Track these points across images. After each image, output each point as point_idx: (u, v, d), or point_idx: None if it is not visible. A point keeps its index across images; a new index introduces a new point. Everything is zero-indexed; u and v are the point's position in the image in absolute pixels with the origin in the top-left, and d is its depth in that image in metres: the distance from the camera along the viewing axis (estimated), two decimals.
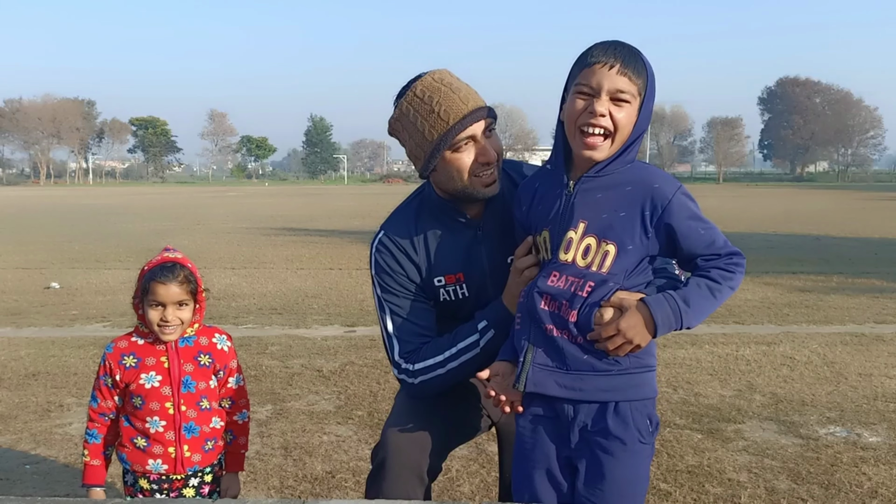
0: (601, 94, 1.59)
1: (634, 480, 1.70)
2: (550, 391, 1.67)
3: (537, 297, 1.67)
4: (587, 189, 1.67)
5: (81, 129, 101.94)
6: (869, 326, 6.55)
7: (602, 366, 1.65)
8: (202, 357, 2.12)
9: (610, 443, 1.67)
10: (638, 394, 1.68)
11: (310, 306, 7.59)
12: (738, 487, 3.19)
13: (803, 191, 51.93)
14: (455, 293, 1.98)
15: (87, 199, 39.45)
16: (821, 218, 21.87)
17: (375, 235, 2.04)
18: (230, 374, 2.18)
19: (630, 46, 1.64)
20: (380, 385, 4.69)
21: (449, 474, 3.32)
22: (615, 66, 1.59)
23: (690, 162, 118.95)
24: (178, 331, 2.08)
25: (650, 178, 1.66)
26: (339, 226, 19.02)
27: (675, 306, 1.59)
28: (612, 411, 1.66)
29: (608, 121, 1.60)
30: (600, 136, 1.61)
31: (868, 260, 11.49)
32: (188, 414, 2.09)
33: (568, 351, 1.65)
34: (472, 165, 1.86)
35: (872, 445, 3.67)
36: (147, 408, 2.07)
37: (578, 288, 1.63)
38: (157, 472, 2.09)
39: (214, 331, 2.19)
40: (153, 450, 2.08)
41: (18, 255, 12.34)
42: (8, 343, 5.97)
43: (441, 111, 1.84)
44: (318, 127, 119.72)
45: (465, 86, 1.90)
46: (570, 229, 1.66)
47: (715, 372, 5.03)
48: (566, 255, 1.66)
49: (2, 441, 3.77)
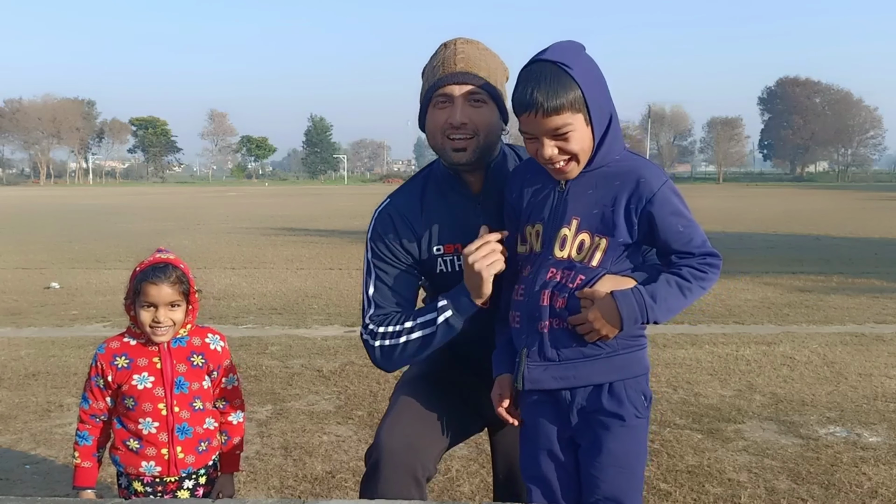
0: (541, 138, 1.62)
1: (633, 453, 1.76)
2: (547, 385, 1.73)
3: (539, 294, 1.70)
4: (578, 185, 1.70)
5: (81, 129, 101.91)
6: (869, 326, 6.55)
7: (590, 351, 1.70)
8: (195, 357, 2.10)
9: (608, 420, 1.73)
10: (629, 372, 1.74)
11: (310, 306, 7.59)
12: (738, 487, 3.19)
13: (803, 191, 51.94)
14: (452, 264, 2.00)
15: (87, 199, 39.45)
16: (821, 218, 21.87)
17: (381, 203, 2.07)
18: (224, 375, 2.16)
19: (550, 64, 1.58)
20: (380, 385, 4.69)
21: (449, 474, 3.32)
22: (538, 110, 1.57)
23: (690, 162, 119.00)
24: (170, 332, 2.06)
25: (638, 170, 1.67)
26: (339, 226, 19.02)
27: (640, 300, 1.63)
28: (606, 392, 1.72)
29: (562, 155, 1.63)
30: (563, 163, 1.65)
31: (868, 260, 11.49)
32: (181, 415, 2.07)
33: (560, 343, 1.70)
34: (442, 125, 1.90)
35: (872, 445, 3.67)
36: (139, 409, 2.05)
37: (569, 280, 1.68)
38: (151, 474, 2.08)
39: (207, 331, 2.17)
40: (146, 451, 2.06)
41: (18, 255, 12.34)
42: (8, 343, 5.98)
43: (436, 65, 1.92)
44: (318, 127, 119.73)
45: (476, 54, 1.92)
46: (564, 226, 1.69)
47: (715, 372, 5.03)
48: (562, 252, 1.69)
49: (2, 441, 3.78)
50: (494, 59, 1.97)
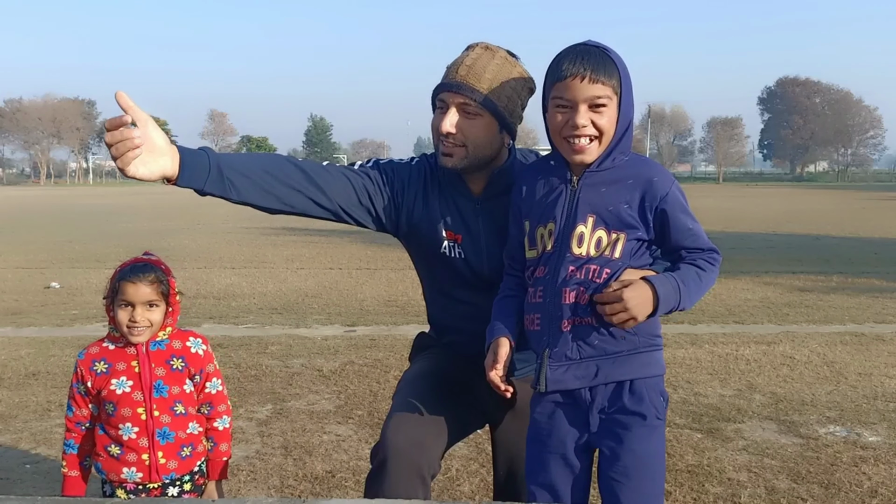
0: (578, 105, 1.65)
1: (655, 455, 1.76)
2: (570, 385, 1.73)
3: (560, 292, 1.71)
4: (591, 184, 1.72)
5: (81, 129, 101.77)
6: (869, 326, 6.55)
7: (612, 349, 1.71)
8: (174, 361, 2.07)
9: (630, 419, 1.73)
10: (649, 371, 1.75)
11: (310, 306, 7.60)
12: (738, 487, 3.19)
13: (803, 191, 51.94)
14: (452, 250, 2.03)
15: (88, 199, 39.45)
16: (821, 218, 21.88)
17: (413, 158, 2.13)
18: (207, 379, 2.12)
19: (597, 48, 1.67)
20: (380, 385, 4.70)
21: (449, 474, 3.32)
22: (586, 75, 1.63)
23: (690, 162, 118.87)
24: (147, 332, 2.04)
25: (649, 171, 1.73)
26: (338, 226, 18.82)
27: (675, 285, 1.66)
28: (627, 390, 1.73)
29: (591, 129, 1.66)
30: (587, 140, 1.68)
31: (868, 260, 11.49)
32: (161, 419, 2.04)
33: (583, 341, 1.70)
34: (434, 129, 1.95)
35: (872, 445, 3.68)
36: (119, 414, 2.02)
37: (596, 275, 1.69)
38: (133, 480, 2.05)
39: (189, 334, 2.14)
40: (127, 457, 2.04)
41: (18, 255, 12.34)
42: (8, 343, 5.98)
43: (448, 66, 1.94)
44: (318, 127, 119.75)
45: (486, 65, 1.90)
46: (580, 224, 1.70)
47: (715, 372, 5.03)
48: (580, 249, 1.70)
49: (2, 441, 3.78)
50: (511, 71, 1.93)
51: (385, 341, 5.94)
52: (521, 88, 1.96)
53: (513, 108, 1.96)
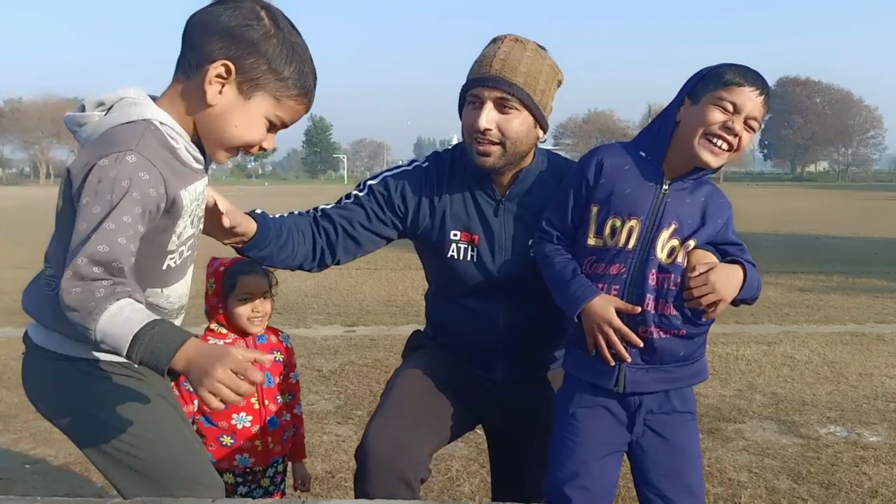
0: (741, 114, 1.67)
1: (698, 451, 1.85)
2: (650, 388, 1.76)
3: (643, 298, 1.71)
4: (679, 191, 1.75)
5: None
6: (869, 326, 6.55)
7: (685, 352, 1.75)
8: (276, 353, 2.23)
9: (680, 417, 1.79)
10: (703, 375, 1.84)
11: (310, 306, 7.59)
12: (739, 487, 3.19)
13: (803, 190, 51.90)
14: (465, 253, 1.98)
15: None
16: (821, 218, 21.88)
17: (419, 160, 2.10)
18: (291, 370, 2.33)
19: (760, 75, 1.72)
20: (380, 385, 4.69)
21: (449, 474, 3.32)
22: (762, 95, 1.68)
23: None
24: (264, 322, 2.18)
25: (718, 193, 1.81)
26: None
27: (755, 272, 1.74)
28: (677, 392, 1.79)
29: (736, 140, 1.69)
30: (725, 146, 1.70)
31: (868, 260, 11.49)
32: (270, 408, 2.19)
33: (662, 347, 1.72)
34: (470, 126, 1.89)
35: (873, 445, 3.67)
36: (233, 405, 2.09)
37: (673, 283, 1.71)
38: (244, 465, 2.16)
39: (276, 330, 2.33)
40: (241, 445, 2.13)
41: (18, 255, 12.33)
42: (8, 343, 5.96)
43: (477, 61, 1.89)
44: (318, 127, 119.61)
45: (520, 57, 1.85)
46: (665, 228, 1.72)
47: (715, 372, 5.02)
48: (661, 254, 1.71)
49: (2, 441, 3.77)
50: (542, 64, 1.89)
51: (385, 341, 5.93)
52: (552, 81, 1.92)
53: (546, 102, 1.92)
